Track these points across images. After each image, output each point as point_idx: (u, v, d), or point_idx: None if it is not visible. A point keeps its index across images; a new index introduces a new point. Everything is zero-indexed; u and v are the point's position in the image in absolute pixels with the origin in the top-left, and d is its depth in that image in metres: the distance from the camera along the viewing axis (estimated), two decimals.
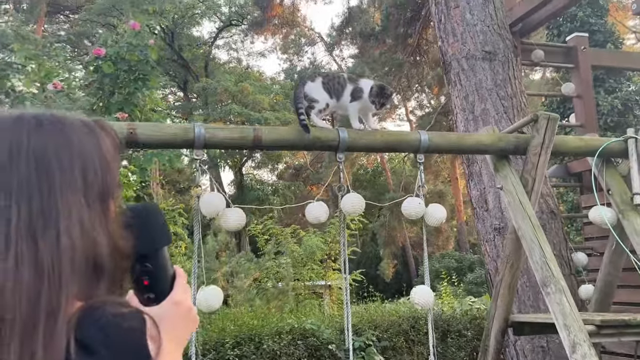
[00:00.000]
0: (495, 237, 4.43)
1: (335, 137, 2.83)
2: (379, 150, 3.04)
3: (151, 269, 0.98)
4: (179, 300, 0.99)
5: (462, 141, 3.07)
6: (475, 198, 4.56)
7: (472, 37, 4.55)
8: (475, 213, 4.62)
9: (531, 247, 2.94)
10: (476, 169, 4.49)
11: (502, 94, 4.44)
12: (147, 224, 0.99)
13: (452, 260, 19.16)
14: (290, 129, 2.83)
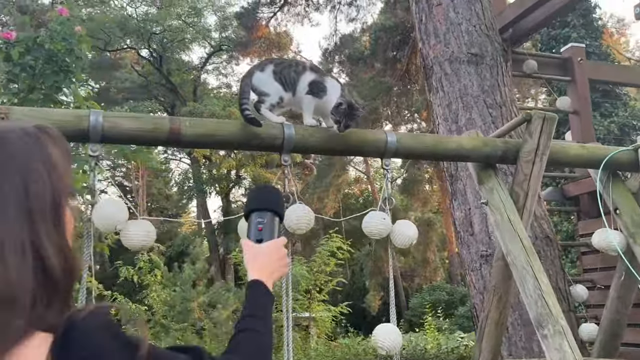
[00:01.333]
0: (482, 266, 3.84)
1: (278, 134, 2.25)
2: (335, 152, 2.47)
3: (264, 221, 1.34)
4: (277, 246, 1.32)
5: (439, 145, 2.49)
6: (459, 220, 3.97)
7: (456, 37, 4.03)
8: (458, 237, 4.03)
9: (523, 276, 2.35)
10: (460, 186, 3.92)
11: (490, 102, 3.90)
12: (265, 192, 1.46)
13: (443, 293, 18.50)
14: (220, 122, 2.25)
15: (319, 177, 18.27)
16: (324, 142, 2.34)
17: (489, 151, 2.55)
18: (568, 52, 5.43)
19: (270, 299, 1.24)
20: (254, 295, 1.23)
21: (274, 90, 2.33)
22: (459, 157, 2.59)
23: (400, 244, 2.35)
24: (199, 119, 2.24)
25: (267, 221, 1.36)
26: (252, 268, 1.28)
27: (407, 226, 2.38)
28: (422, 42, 4.23)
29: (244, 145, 2.24)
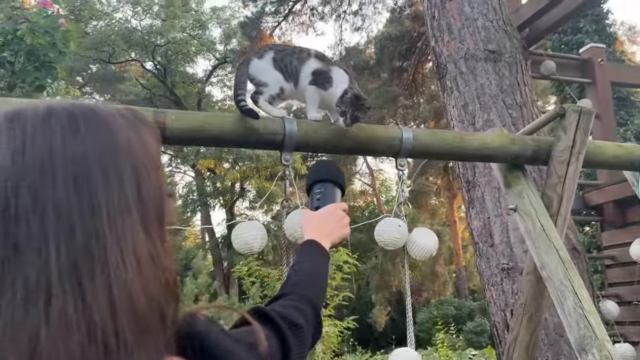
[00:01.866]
0: (503, 280, 3.51)
1: (278, 129, 1.96)
2: (343, 150, 2.16)
3: (323, 190, 1.40)
4: (335, 208, 1.33)
5: (461, 142, 2.19)
6: (476, 230, 3.65)
7: (471, 33, 3.74)
8: (477, 249, 3.71)
9: (561, 293, 2.03)
10: (478, 193, 3.61)
11: (510, 102, 3.60)
12: (324, 165, 1.56)
13: (451, 308, 18.09)
14: (212, 116, 1.95)
15: None
16: (330, 139, 2.04)
17: (518, 150, 2.24)
18: (588, 52, 5.14)
19: (324, 254, 1.22)
20: (305, 251, 1.22)
21: (273, 80, 2.04)
22: (483, 157, 2.29)
23: (419, 256, 2.04)
24: (187, 112, 1.94)
25: (326, 190, 1.41)
26: (307, 230, 1.29)
27: (426, 235, 2.07)
28: (434, 39, 3.94)
29: (239, 141, 1.94)
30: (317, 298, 1.11)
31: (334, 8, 12.30)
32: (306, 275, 1.14)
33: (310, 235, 1.26)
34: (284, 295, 1.06)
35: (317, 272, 1.17)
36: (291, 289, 1.09)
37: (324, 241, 1.24)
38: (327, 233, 1.27)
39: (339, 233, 1.31)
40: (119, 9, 24.87)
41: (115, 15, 24.86)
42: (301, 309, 1.03)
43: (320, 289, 1.16)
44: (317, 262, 1.20)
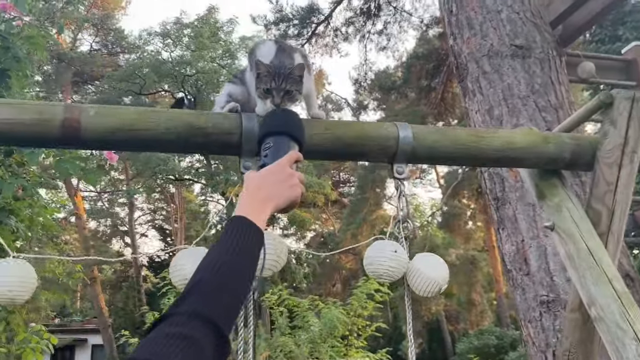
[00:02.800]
0: (543, 316, 2.95)
1: (232, 128, 1.51)
2: (322, 154, 1.68)
3: (272, 145, 1.19)
4: (279, 166, 1.09)
5: (478, 142, 1.69)
6: (509, 256, 3.10)
7: (495, 27, 3.26)
8: (510, 278, 3.15)
9: (618, 339, 1.50)
10: (509, 212, 3.07)
11: (543, 104, 3.08)
12: (276, 115, 1.30)
13: (492, 337, 17.16)
14: (146, 111, 1.51)
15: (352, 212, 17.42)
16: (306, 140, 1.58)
17: (553, 151, 1.73)
18: (631, 52, 4.57)
19: (249, 235, 0.94)
20: (223, 236, 0.93)
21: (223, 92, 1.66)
22: (508, 161, 1.77)
23: (422, 290, 1.53)
24: (111, 106, 1.51)
25: (277, 145, 1.20)
26: (240, 201, 1.05)
27: (432, 263, 1.57)
28: (452, 37, 3.47)
29: (180, 143, 1.49)
30: (222, 311, 0.84)
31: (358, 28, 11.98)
32: (209, 278, 0.86)
33: (241, 206, 1.00)
34: (170, 316, 0.81)
35: (230, 268, 0.88)
36: (183, 303, 0.83)
37: (259, 209, 0.99)
38: (265, 197, 1.03)
39: (285, 194, 1.06)
40: (150, 42, 25.27)
41: (147, 48, 25.25)
42: (187, 336, 0.77)
43: (232, 293, 0.88)
44: (232, 252, 0.90)
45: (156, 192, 29.05)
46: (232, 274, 0.87)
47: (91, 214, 27.66)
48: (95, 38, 24.67)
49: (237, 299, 0.88)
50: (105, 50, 24.75)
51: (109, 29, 24.22)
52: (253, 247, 0.94)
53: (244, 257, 0.91)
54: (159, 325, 0.80)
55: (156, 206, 31.42)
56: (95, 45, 25.02)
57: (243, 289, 0.89)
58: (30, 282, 1.32)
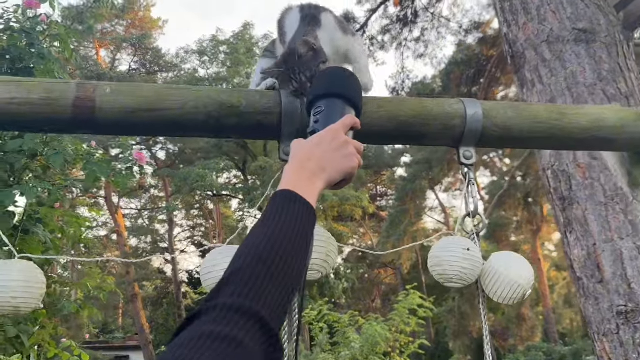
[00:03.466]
0: (620, 328, 2.60)
1: (270, 106, 1.29)
2: (374, 137, 1.43)
3: (324, 110, 1.00)
4: (332, 132, 0.91)
5: (560, 119, 1.42)
6: (578, 262, 2.78)
7: (554, 11, 2.96)
8: (580, 287, 2.82)
9: None
10: (577, 213, 2.75)
11: (612, 92, 2.76)
12: (329, 74, 1.10)
13: (540, 354, 16.46)
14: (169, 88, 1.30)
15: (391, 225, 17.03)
16: None
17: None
18: None
19: (299, 212, 0.75)
20: (266, 213, 0.76)
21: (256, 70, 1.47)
22: (595, 142, 1.49)
23: (502, 297, 1.26)
24: (131, 83, 1.31)
25: (330, 109, 1.01)
26: (285, 173, 0.86)
27: (515, 263, 1.30)
28: (506, 24, 3.19)
29: (210, 125, 1.28)
30: (269, 304, 0.65)
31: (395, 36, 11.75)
32: (252, 264, 0.67)
33: (286, 179, 0.83)
34: (204, 312, 0.62)
35: (278, 252, 0.70)
36: (219, 295, 0.65)
37: (310, 183, 0.83)
38: (316, 168, 0.86)
39: (339, 166, 0.89)
40: (187, 60, 25.65)
41: (184, 66, 25.63)
42: (227, 336, 0.58)
43: (281, 282, 0.68)
44: (279, 231, 0.72)
45: (195, 208, 29.28)
46: (280, 258, 0.68)
47: (132, 231, 28.02)
48: (134, 58, 25.17)
49: (287, 291, 0.67)
50: (144, 70, 25.21)
51: (147, 48, 24.68)
52: (304, 226, 0.74)
53: (294, 239, 0.71)
54: (190, 325, 0.61)
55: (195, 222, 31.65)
56: (134, 64, 25.52)
57: (294, 278, 0.69)
58: (36, 286, 1.11)
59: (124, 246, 24.57)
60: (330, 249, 1.24)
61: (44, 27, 2.53)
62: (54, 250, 2.73)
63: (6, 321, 2.27)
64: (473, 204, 1.37)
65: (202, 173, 22.46)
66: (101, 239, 27.19)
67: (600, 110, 1.47)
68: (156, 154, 26.90)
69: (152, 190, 28.89)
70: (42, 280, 1.13)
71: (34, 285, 1.10)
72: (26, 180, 2.30)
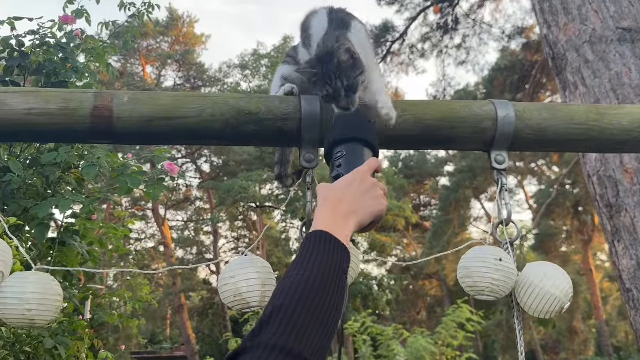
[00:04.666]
0: None
1: (290, 112, 1.25)
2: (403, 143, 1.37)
3: (345, 154, 1.01)
4: (360, 175, 0.92)
5: (599, 120, 1.33)
6: (627, 272, 2.62)
7: (596, 10, 2.84)
8: (629, 299, 2.66)
9: None
10: (626, 220, 2.60)
11: None
12: (347, 118, 1.10)
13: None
14: (187, 96, 1.28)
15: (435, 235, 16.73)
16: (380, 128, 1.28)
17: None
18: None
19: (336, 252, 0.77)
20: (302, 253, 0.78)
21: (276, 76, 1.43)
22: (638, 144, 1.39)
23: (538, 310, 1.18)
24: (148, 92, 1.29)
25: (350, 153, 1.03)
26: (317, 215, 0.87)
27: (551, 274, 1.21)
28: (546, 26, 3.07)
29: (228, 133, 1.25)
30: (311, 344, 0.66)
31: (435, 44, 11.61)
32: (292, 303, 0.68)
33: (320, 220, 0.84)
34: (246, 351, 0.64)
35: (318, 292, 0.71)
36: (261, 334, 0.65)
37: (343, 225, 0.84)
38: (348, 211, 0.88)
39: (369, 209, 0.91)
40: (230, 74, 26.07)
41: (227, 81, 26.06)
42: None
43: (322, 322, 0.69)
44: (317, 271, 0.74)
45: (239, 219, 29.59)
46: (320, 298, 0.70)
47: (178, 242, 28.52)
48: (179, 73, 25.76)
49: (328, 330, 0.68)
50: (188, 85, 25.76)
51: (191, 63, 25.22)
52: (340, 266, 0.77)
53: (331, 279, 0.73)
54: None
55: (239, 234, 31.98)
56: (179, 80, 26.11)
57: (333, 317, 0.70)
58: (53, 298, 1.10)
59: (171, 257, 25.04)
60: (353, 259, 1.19)
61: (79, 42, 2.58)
62: (92, 262, 2.76)
63: (43, 332, 2.30)
64: (506, 211, 1.29)
65: (245, 185, 22.71)
66: (149, 251, 27.79)
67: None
68: (201, 166, 27.39)
69: (198, 202, 29.38)
70: (59, 292, 1.12)
71: (50, 297, 1.09)
72: (61, 192, 2.34)
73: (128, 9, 2.97)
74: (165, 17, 23.66)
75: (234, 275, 1.15)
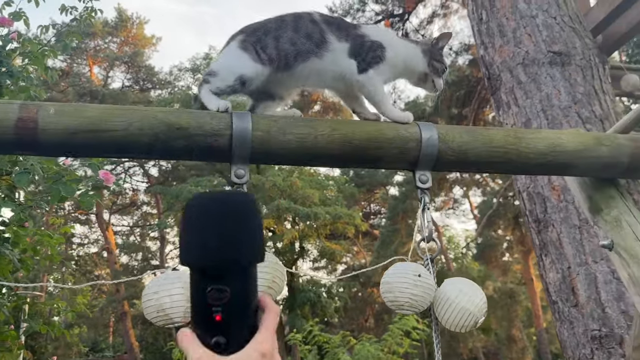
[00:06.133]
0: (594, 353, 2.57)
1: (221, 129, 1.27)
2: (328, 160, 1.42)
3: (228, 295, 0.63)
4: (267, 353, 0.66)
5: (517, 144, 1.41)
6: (553, 285, 2.75)
7: (530, 34, 2.98)
8: (555, 311, 2.80)
9: None
10: (553, 235, 2.73)
11: (586, 115, 2.77)
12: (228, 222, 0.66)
13: None
14: (116, 108, 1.27)
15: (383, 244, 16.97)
16: (306, 143, 1.32)
17: (608, 155, 1.44)
18: None
19: None
20: None
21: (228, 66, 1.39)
22: (554, 168, 1.48)
23: (454, 324, 1.24)
24: (76, 104, 1.28)
25: (233, 296, 0.65)
26: None
27: (464, 291, 1.27)
28: (483, 47, 3.20)
29: (156, 148, 1.25)
30: None
31: None
32: None
33: None
34: None
35: None
36: None
37: None
38: None
39: None
40: (181, 78, 25.68)
41: (178, 84, 25.66)
42: None
43: None
44: None
45: None
46: None
47: (123, 248, 27.78)
48: (127, 75, 25.20)
49: None
50: (137, 87, 25.24)
51: (140, 65, 24.72)
52: None
53: None
54: None
55: None
56: (127, 81, 25.54)
57: None
58: None
59: (114, 263, 24.34)
60: (277, 274, 1.21)
61: (16, 45, 2.52)
62: (24, 269, 2.68)
63: None
64: (427, 229, 1.35)
65: (195, 190, 22.36)
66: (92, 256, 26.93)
67: (558, 134, 1.46)
68: (149, 170, 26.80)
69: (144, 207, 28.70)
70: None
71: None
72: None
73: (70, 13, 2.90)
74: (113, 17, 23.12)
75: (158, 290, 1.15)
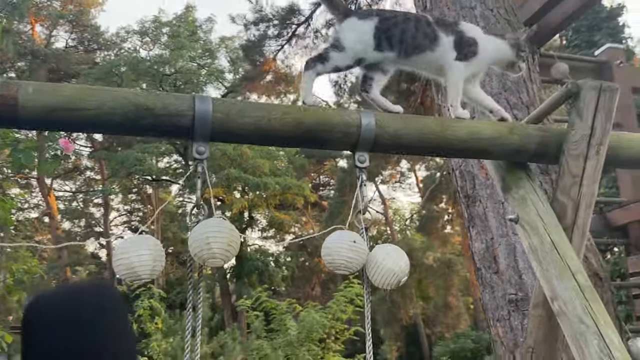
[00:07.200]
0: (511, 315, 2.91)
1: (184, 110, 1.43)
2: (279, 140, 1.62)
3: None
4: None
5: (443, 131, 1.64)
6: (478, 254, 3.07)
7: None
8: (479, 277, 3.12)
9: (581, 334, 1.45)
10: (479, 209, 3.04)
11: (514, 101, 3.06)
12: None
13: (469, 341, 17.18)
14: (90, 89, 1.42)
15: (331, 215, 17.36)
16: (261, 125, 1.50)
17: (518, 142, 1.69)
18: (605, 54, 4.59)
19: None
20: None
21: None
22: (474, 152, 1.73)
23: (380, 282, 1.48)
24: (52, 83, 1.42)
25: None
26: None
27: (392, 254, 1.51)
28: None
29: (126, 125, 1.41)
30: None
31: None
32: None
33: None
34: None
35: None
36: None
37: None
38: None
39: None
40: (128, 40, 24.92)
41: (124, 46, 24.89)
42: None
43: None
44: None
45: (133, 192, 28.62)
46: None
47: (65, 214, 27.14)
48: (71, 35, 24.25)
49: None
50: (82, 47, 24.35)
51: (85, 25, 23.82)
52: None
53: None
54: None
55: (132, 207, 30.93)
56: (71, 42, 24.58)
57: None
58: None
59: (56, 229, 23.79)
60: (232, 239, 1.41)
61: None
62: None
63: None
64: (363, 203, 1.57)
65: (141, 156, 21.93)
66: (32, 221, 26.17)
67: (477, 124, 1.71)
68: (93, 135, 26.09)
69: (88, 172, 27.99)
70: None
71: None
72: None
73: None
74: None
75: (127, 251, 1.33)
